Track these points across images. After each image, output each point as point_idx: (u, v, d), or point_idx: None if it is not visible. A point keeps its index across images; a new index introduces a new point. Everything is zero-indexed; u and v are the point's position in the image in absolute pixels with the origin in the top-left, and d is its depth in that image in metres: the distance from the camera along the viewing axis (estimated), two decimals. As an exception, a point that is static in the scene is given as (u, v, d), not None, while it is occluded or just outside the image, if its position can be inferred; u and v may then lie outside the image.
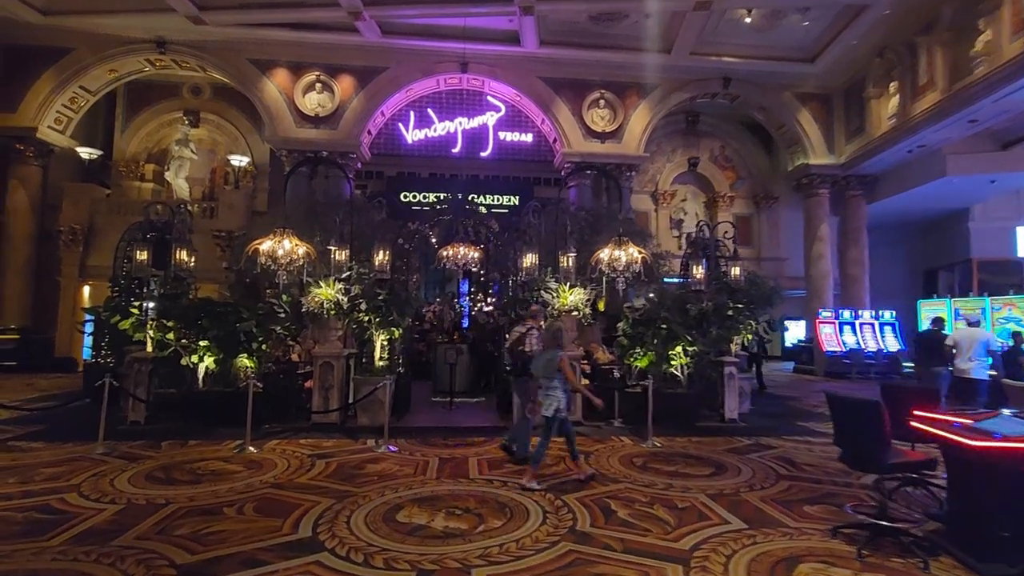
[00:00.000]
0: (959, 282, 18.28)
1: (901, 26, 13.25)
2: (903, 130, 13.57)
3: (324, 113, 15.23)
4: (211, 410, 7.51)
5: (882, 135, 14.49)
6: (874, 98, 14.95)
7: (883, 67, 14.39)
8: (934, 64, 12.47)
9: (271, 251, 8.42)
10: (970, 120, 12.25)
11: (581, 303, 8.12)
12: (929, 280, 19.73)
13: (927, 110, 12.66)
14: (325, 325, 7.94)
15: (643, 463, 5.90)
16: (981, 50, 11.08)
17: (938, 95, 12.30)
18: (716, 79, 16.17)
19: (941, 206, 17.14)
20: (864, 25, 13.37)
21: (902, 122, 13.63)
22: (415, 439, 6.99)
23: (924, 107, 12.78)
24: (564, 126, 15.94)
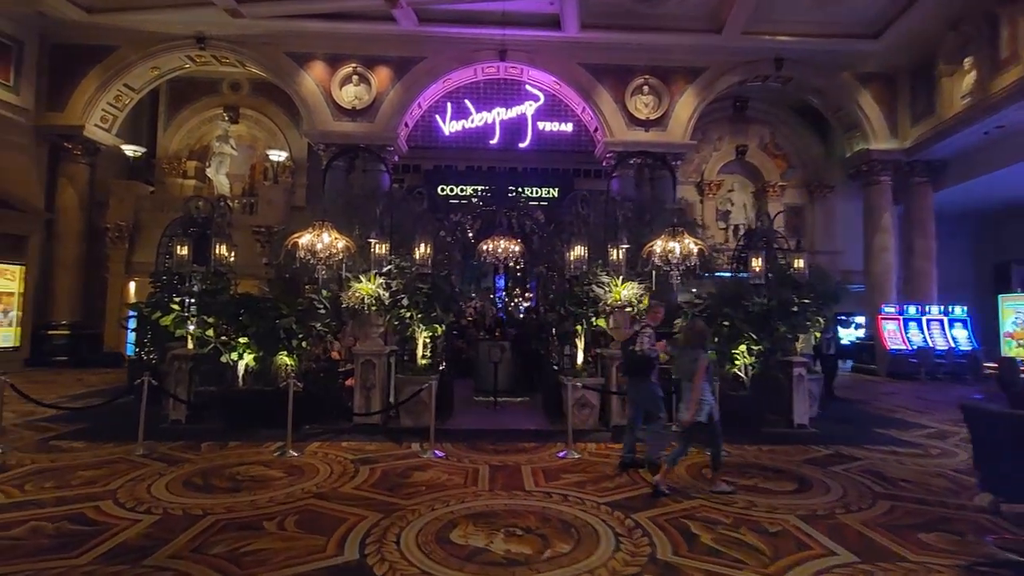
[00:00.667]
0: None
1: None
2: (981, 109, 12.44)
3: (361, 106, 14.99)
4: (251, 409, 7.28)
5: (955, 115, 13.35)
6: (945, 76, 13.80)
7: (957, 41, 13.24)
8: (1018, 36, 11.34)
9: (310, 245, 8.14)
10: (1062, 96, 11.09)
11: (635, 298, 7.57)
12: (1000, 274, 18.31)
13: (1010, 85, 11.53)
14: (366, 321, 7.61)
15: (715, 475, 5.32)
16: (1078, 17, 9.97)
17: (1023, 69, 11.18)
18: (768, 60, 15.25)
19: (1017, 193, 15.79)
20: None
21: (979, 100, 12.49)
22: (462, 443, 6.58)
23: (1007, 83, 11.65)
24: (606, 114, 15.28)
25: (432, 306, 7.56)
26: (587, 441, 6.69)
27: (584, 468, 5.55)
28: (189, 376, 7.64)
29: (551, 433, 7.24)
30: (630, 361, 5.77)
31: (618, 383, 7.52)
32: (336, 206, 10.90)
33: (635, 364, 5.69)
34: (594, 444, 6.60)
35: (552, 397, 8.52)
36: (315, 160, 16.09)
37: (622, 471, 5.45)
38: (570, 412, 6.40)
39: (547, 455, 6.08)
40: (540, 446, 6.48)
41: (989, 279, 18.52)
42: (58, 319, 14.48)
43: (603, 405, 7.61)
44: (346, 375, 8.38)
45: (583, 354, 7.80)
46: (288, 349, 7.48)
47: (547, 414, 8.45)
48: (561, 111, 16.48)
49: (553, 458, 5.94)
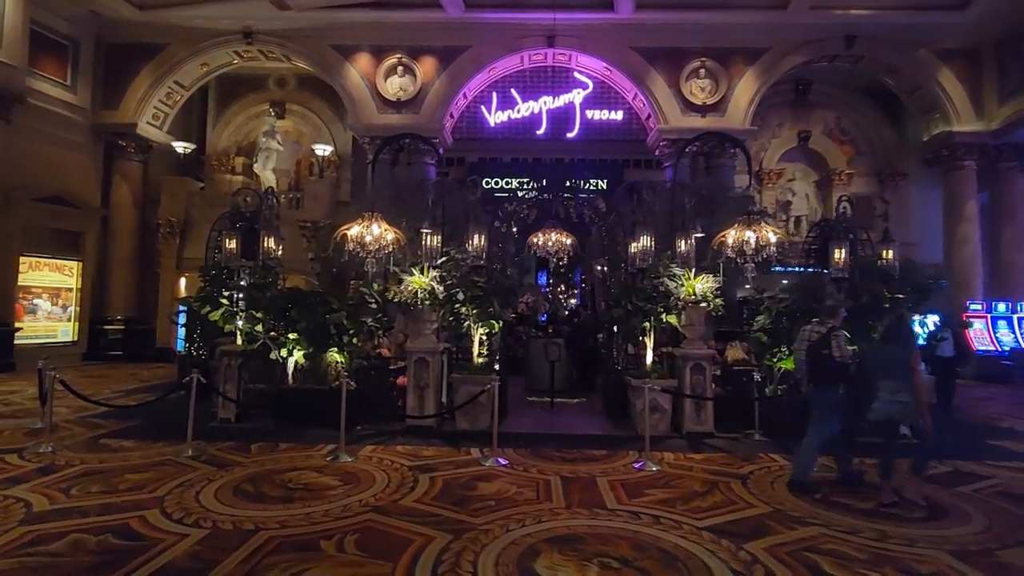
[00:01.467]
0: None
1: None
2: (1091, 82, 11.10)
3: (406, 97, 14.66)
4: (302, 409, 6.95)
5: (1058, 91, 12.00)
6: (1045, 47, 12.44)
7: (1060, 8, 11.89)
8: None
9: (359, 237, 7.75)
10: None
11: (710, 292, 6.88)
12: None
13: None
14: (419, 317, 7.18)
15: (824, 495, 4.63)
16: None
17: None
18: (837, 38, 14.16)
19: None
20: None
21: (1089, 73, 11.16)
22: (524, 449, 6.07)
23: (1125, 51, 10.32)
24: (660, 100, 14.49)
25: (489, 301, 7.06)
26: (661, 449, 6.06)
27: (668, 482, 4.94)
28: (238, 373, 7.39)
29: (619, 439, 6.65)
30: (824, 368, 4.90)
31: (692, 385, 6.87)
32: (383, 198, 10.55)
33: (830, 371, 4.89)
34: (671, 453, 5.97)
35: (613, 399, 7.93)
36: (360, 154, 15.88)
37: (801, 493, 4.68)
38: (646, 418, 5.78)
39: (621, 465, 5.49)
40: (611, 454, 5.90)
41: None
42: (113, 314, 14.71)
43: (674, 409, 6.97)
44: (397, 373, 7.99)
45: (652, 353, 7.16)
46: (339, 345, 7.13)
47: (609, 417, 7.85)
48: (611, 99, 15.75)
49: (629, 469, 5.35)
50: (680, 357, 6.94)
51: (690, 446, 6.34)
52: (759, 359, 7.17)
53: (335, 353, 7.19)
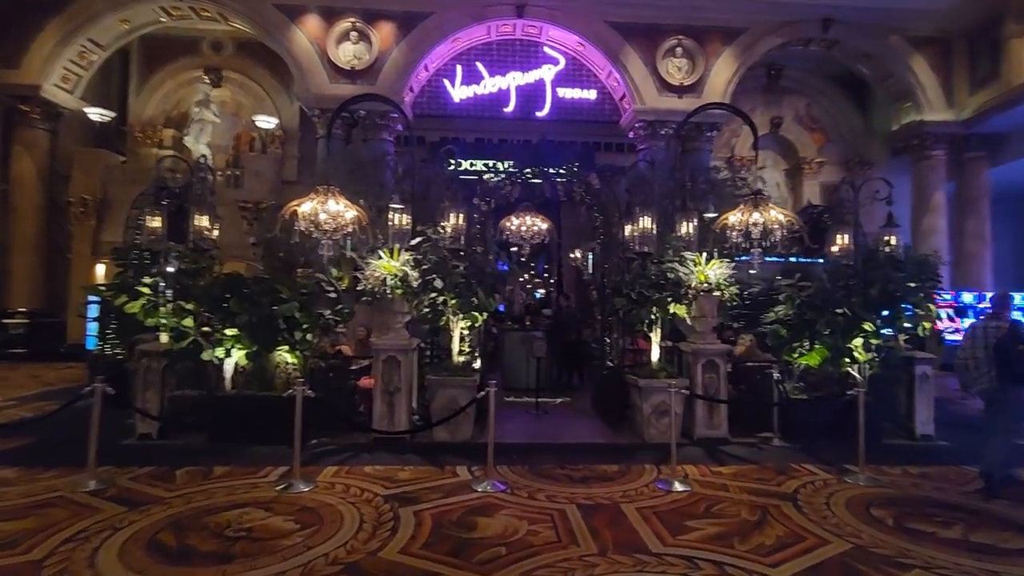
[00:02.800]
0: (1091, 260, 15.77)
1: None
2: (1066, 71, 11.07)
3: (361, 66, 13.23)
4: (244, 421, 5.69)
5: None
6: (1015, 37, 12.42)
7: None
8: (1121, -16, 9.96)
9: (311, 215, 6.49)
10: None
11: (724, 280, 6.07)
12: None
13: (1108, 43, 10.16)
14: (388, 308, 6.03)
15: (893, 517, 3.89)
16: None
17: None
18: (815, 21, 13.76)
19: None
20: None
21: (1064, 62, 11.12)
22: (520, 465, 5.07)
23: (1103, 39, 10.27)
24: (636, 79, 13.69)
25: (471, 289, 5.99)
26: (678, 461, 5.19)
27: (708, 508, 4.06)
28: (162, 377, 6.02)
29: (625, 449, 5.76)
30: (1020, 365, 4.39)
31: (704, 384, 6.06)
32: (338, 174, 9.20)
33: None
34: (691, 466, 5.12)
35: (606, 398, 7.04)
36: (309, 129, 14.33)
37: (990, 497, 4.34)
38: (654, 423, 4.89)
39: (643, 485, 4.59)
40: (624, 470, 4.99)
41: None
42: (14, 306, 12.66)
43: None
44: (359, 374, 6.81)
45: (659, 349, 6.30)
46: (289, 343, 5.88)
47: (604, 420, 6.96)
48: (583, 76, 14.84)
49: (654, 491, 4.45)
50: (691, 353, 6.11)
51: (708, 455, 5.52)
52: (776, 354, 6.44)
53: (285, 352, 5.94)
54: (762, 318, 6.57)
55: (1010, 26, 12.49)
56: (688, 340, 6.35)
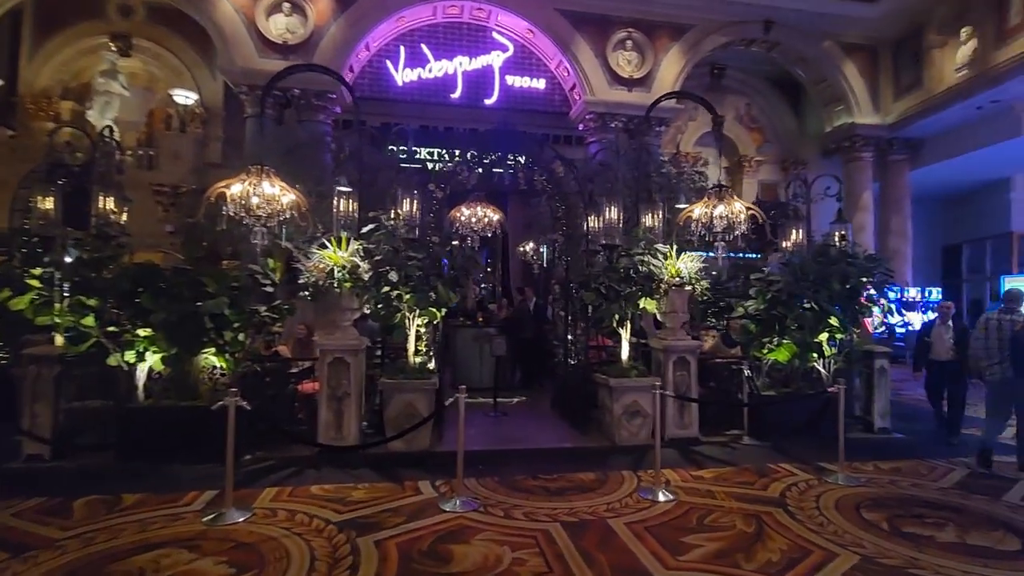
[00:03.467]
0: (991, 258, 17.18)
1: (987, -43, 11.44)
2: (984, 80, 11.82)
3: (294, 41, 12.16)
4: (160, 436, 4.85)
5: (949, 89, 12.74)
6: (937, 47, 13.18)
7: (955, 9, 12.58)
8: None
9: (242, 198, 5.69)
10: (1073, 66, 10.58)
11: (694, 274, 5.83)
12: (949, 257, 18.63)
13: (1020, 55, 10.90)
14: (335, 304, 5.35)
15: (886, 520, 3.75)
16: (1105, -22, 9.32)
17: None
18: (756, 23, 14.03)
19: (980, 176, 15.80)
20: (948, -46, 11.46)
21: (981, 72, 11.87)
22: (489, 476, 4.59)
23: (1017, 51, 11.02)
24: (586, 70, 13.44)
25: (429, 283, 5.40)
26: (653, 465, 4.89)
27: (702, 520, 3.74)
28: (56, 387, 5.05)
29: (596, 453, 5.40)
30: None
31: (675, 383, 5.80)
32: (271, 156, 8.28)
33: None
34: (669, 470, 4.82)
35: (570, 398, 6.68)
36: (234, 108, 13.05)
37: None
38: (625, 425, 4.55)
39: (625, 495, 4.23)
40: (602, 478, 4.62)
41: (938, 262, 18.80)
42: None
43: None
44: (299, 378, 6.08)
45: (628, 346, 5.98)
46: (217, 345, 5.07)
47: (567, 421, 6.58)
48: (533, 65, 14.41)
49: (639, 501, 4.09)
50: (662, 350, 5.83)
51: (683, 457, 5.27)
52: (744, 350, 6.30)
53: (212, 355, 5.12)
54: (727, 313, 6.41)
55: (931, 37, 13.24)
56: (657, 336, 6.08)
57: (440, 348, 6.26)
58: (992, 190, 16.32)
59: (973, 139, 13.55)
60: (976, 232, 17.52)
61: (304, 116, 12.41)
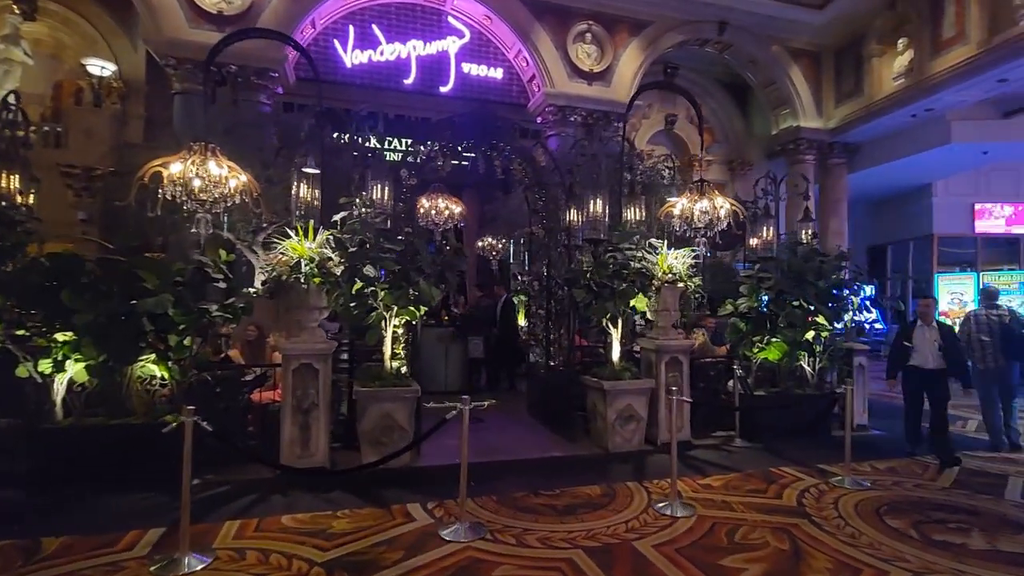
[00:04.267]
0: (913, 258, 18.39)
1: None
2: (919, 90, 12.46)
3: (231, 11, 11.03)
4: (87, 462, 4.02)
5: (887, 96, 13.38)
6: (876, 56, 13.80)
7: (893, 20, 13.21)
8: (966, 15, 11.33)
9: (182, 179, 4.89)
10: (999, 80, 11.31)
11: (685, 271, 5.58)
12: (874, 257, 19.83)
13: (956, 66, 11.53)
14: (301, 302, 4.67)
15: (913, 528, 3.61)
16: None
17: (972, 49, 11.17)
18: (711, 23, 14.19)
19: (907, 181, 16.86)
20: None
21: (917, 81, 12.51)
22: (486, 495, 4.10)
23: (950, 63, 11.65)
24: (547, 61, 13.08)
25: (408, 278, 4.83)
26: (659, 475, 4.60)
27: (731, 537, 3.44)
28: (-54, 405, 4.10)
29: (592, 462, 5.06)
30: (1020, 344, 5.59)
31: (668, 384, 5.53)
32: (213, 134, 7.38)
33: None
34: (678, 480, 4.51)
35: (550, 402, 6.31)
36: (159, 82, 11.70)
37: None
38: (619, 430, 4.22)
39: (640, 511, 3.87)
40: (609, 491, 4.25)
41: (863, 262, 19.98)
42: None
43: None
44: (252, 385, 5.32)
45: (619, 347, 5.65)
46: (158, 351, 4.28)
47: (548, 426, 6.21)
48: (490, 53, 13.90)
49: (658, 518, 3.75)
50: (655, 350, 5.55)
51: (683, 464, 4.98)
52: (733, 349, 6.13)
53: (151, 363, 4.32)
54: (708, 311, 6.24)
55: (871, 46, 13.86)
56: (647, 336, 5.80)
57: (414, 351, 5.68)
58: (916, 195, 17.44)
59: (905, 146, 14.35)
60: (900, 234, 18.69)
61: (242, 96, 11.31)
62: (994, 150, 13.79)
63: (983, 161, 14.65)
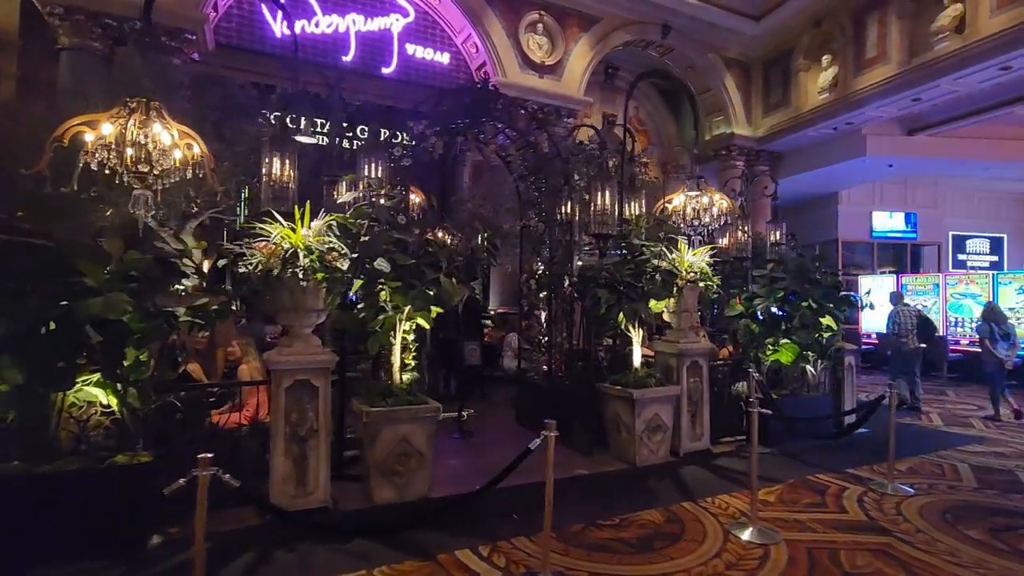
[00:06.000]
0: (820, 261, 19.87)
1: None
2: (844, 104, 13.37)
3: (138, -44, 9.33)
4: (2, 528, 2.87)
5: (813, 109, 14.26)
6: (803, 70, 14.68)
7: (819, 38, 14.08)
8: (887, 38, 12.28)
9: (114, 143, 3.76)
10: (914, 99, 12.39)
11: (706, 269, 5.27)
12: (784, 259, 21.33)
13: (878, 84, 12.47)
14: (297, 304, 3.73)
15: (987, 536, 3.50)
16: (946, 25, 10.96)
17: (892, 69, 12.12)
18: (655, 25, 14.37)
19: (818, 190, 18.22)
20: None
21: (843, 96, 13.42)
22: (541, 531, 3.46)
23: (873, 81, 12.59)
24: (498, 48, 12.51)
25: (421, 275, 4.05)
26: (706, 492, 4.21)
27: (839, 566, 3.09)
28: None
29: (624, 479, 4.58)
30: (931, 332, 7.82)
31: (689, 390, 5.20)
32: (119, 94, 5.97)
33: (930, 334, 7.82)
34: (727, 496, 4.15)
35: (543, 410, 5.75)
36: (38, 35, 9.65)
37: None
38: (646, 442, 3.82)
39: (723, 540, 3.44)
40: (674, 517, 3.77)
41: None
42: None
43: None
44: (216, 404, 4.27)
45: (640, 351, 5.21)
46: (108, 371, 3.17)
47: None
48: (436, 36, 13.05)
49: (747, 548, 3.33)
50: (676, 354, 5.18)
51: (717, 475, 4.67)
52: (744, 350, 5.93)
53: (93, 388, 3.20)
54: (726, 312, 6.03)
55: (799, 60, 14.72)
56: (665, 339, 5.43)
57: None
58: (824, 202, 18.90)
59: (825, 156, 15.40)
60: (809, 238, 20.15)
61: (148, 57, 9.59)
62: (898, 164, 15.12)
63: (887, 173, 16.08)
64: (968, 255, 19.69)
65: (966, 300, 12.38)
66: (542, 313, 6.14)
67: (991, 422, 7.00)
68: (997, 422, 6.99)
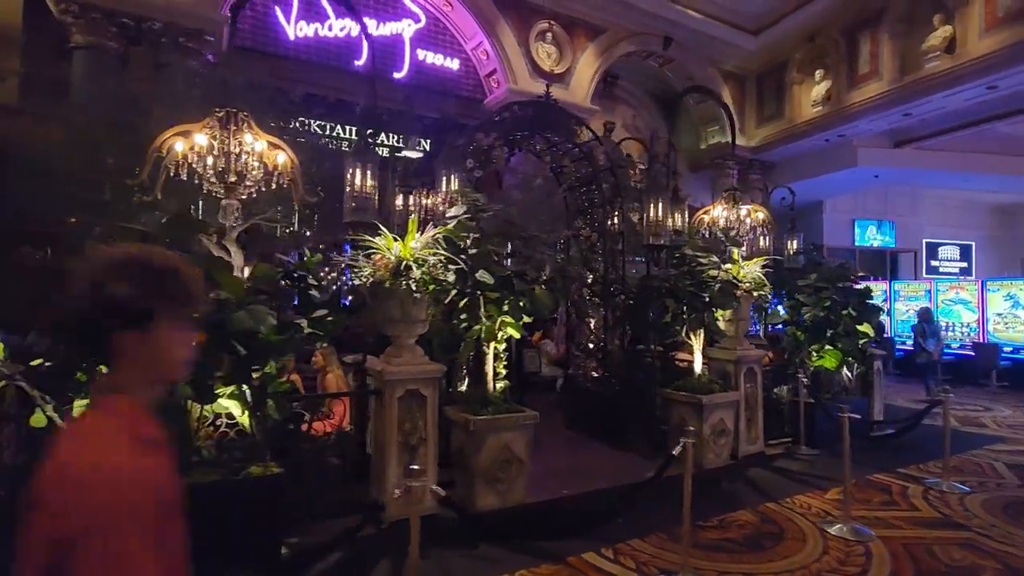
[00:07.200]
0: (805, 266, 20.62)
1: (841, 13, 13.59)
2: (837, 117, 14.01)
3: (155, -47, 9.17)
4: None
5: (807, 121, 14.88)
6: (796, 84, 15.30)
7: (812, 53, 14.71)
8: (879, 55, 12.92)
9: (203, 155, 3.78)
10: (904, 114, 13.06)
11: (761, 278, 5.54)
12: (771, 265, 22.06)
13: (871, 99, 13.12)
14: (405, 316, 3.81)
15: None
16: (937, 45, 11.62)
17: (884, 85, 12.77)
18: (658, 37, 14.78)
19: (806, 198, 18.88)
20: (822, 4, 13.32)
21: (836, 110, 14.05)
22: (651, 532, 3.63)
23: (866, 96, 13.23)
24: (510, 56, 12.69)
25: (512, 287, 4.18)
26: (781, 493, 4.45)
27: (939, 560, 3.34)
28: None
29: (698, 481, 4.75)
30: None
31: (746, 396, 5.46)
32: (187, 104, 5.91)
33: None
34: (802, 496, 4.40)
35: (595, 414, 5.97)
36: (47, 30, 9.37)
37: None
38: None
39: (823, 539, 3.66)
40: (767, 518, 3.99)
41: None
42: None
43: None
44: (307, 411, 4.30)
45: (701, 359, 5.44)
46: (240, 380, 3.20)
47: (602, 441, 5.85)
48: (446, 42, 13.13)
49: (850, 545, 3.56)
50: (734, 361, 5.42)
51: (784, 477, 4.93)
52: (789, 357, 6.23)
53: (228, 400, 3.22)
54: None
55: (792, 74, 15.32)
56: (720, 346, 5.67)
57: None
58: (810, 210, 19.62)
59: (816, 166, 16.06)
60: (794, 245, 20.93)
61: (166, 59, 9.43)
62: (883, 174, 15.86)
63: (872, 183, 16.83)
64: (940, 261, 20.67)
65: (956, 306, 13.06)
66: (591, 320, 6.31)
67: (1002, 421, 7.47)
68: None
